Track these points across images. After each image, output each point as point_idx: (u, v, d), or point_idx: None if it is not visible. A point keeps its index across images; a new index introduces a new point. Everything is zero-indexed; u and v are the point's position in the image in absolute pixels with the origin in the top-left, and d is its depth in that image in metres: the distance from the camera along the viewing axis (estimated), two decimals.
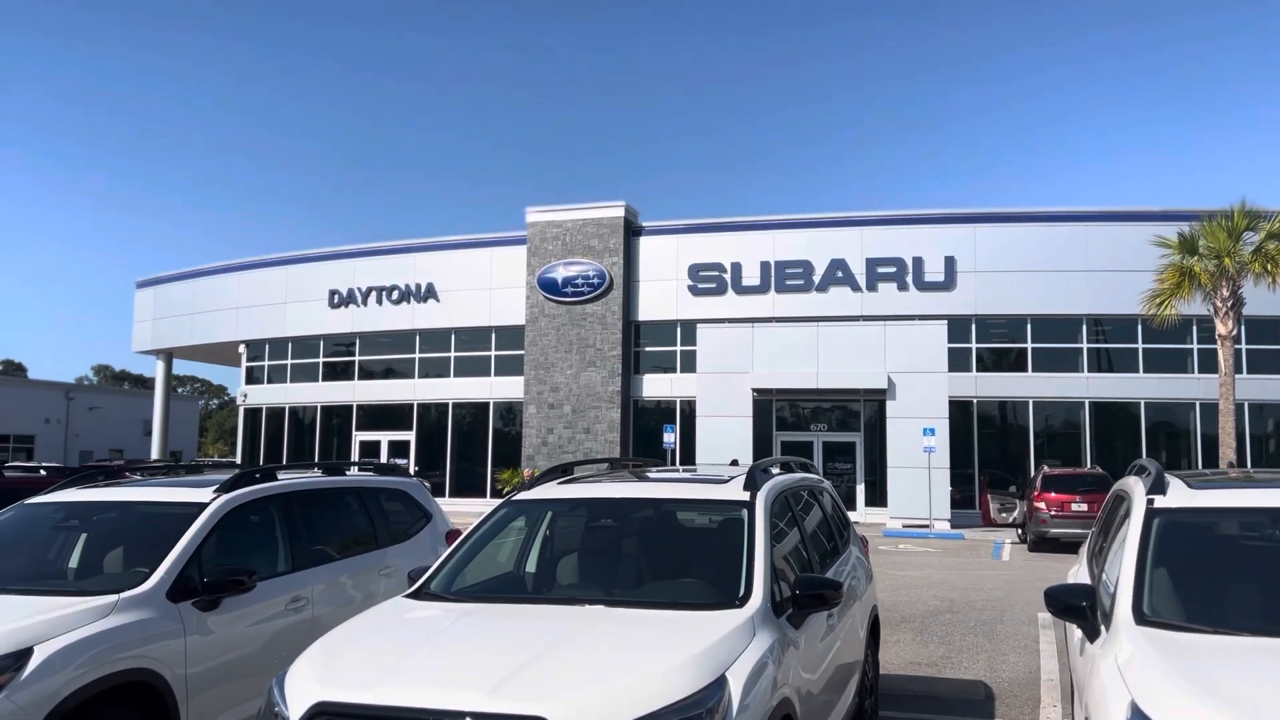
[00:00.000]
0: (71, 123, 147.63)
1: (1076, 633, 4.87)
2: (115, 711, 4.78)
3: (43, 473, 10.28)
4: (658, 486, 5.64)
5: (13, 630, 4.52)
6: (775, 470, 5.93)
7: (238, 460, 35.40)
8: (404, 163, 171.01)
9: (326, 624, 5.71)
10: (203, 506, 5.82)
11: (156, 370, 39.45)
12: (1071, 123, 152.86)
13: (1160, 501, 4.74)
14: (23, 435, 50.26)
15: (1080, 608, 4.40)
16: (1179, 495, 4.81)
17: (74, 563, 5.85)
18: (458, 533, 7.63)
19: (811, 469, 7.06)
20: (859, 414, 28.78)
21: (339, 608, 6.30)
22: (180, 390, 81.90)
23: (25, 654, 4.38)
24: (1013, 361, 28.97)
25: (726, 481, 5.41)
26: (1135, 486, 5.20)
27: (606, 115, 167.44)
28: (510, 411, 32.42)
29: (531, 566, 5.34)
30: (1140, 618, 4.05)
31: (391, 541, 7.29)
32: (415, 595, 4.83)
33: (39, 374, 40.18)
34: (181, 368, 38.71)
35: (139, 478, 7.27)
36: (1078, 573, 6.64)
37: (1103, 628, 4.26)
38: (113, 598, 4.98)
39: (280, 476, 6.67)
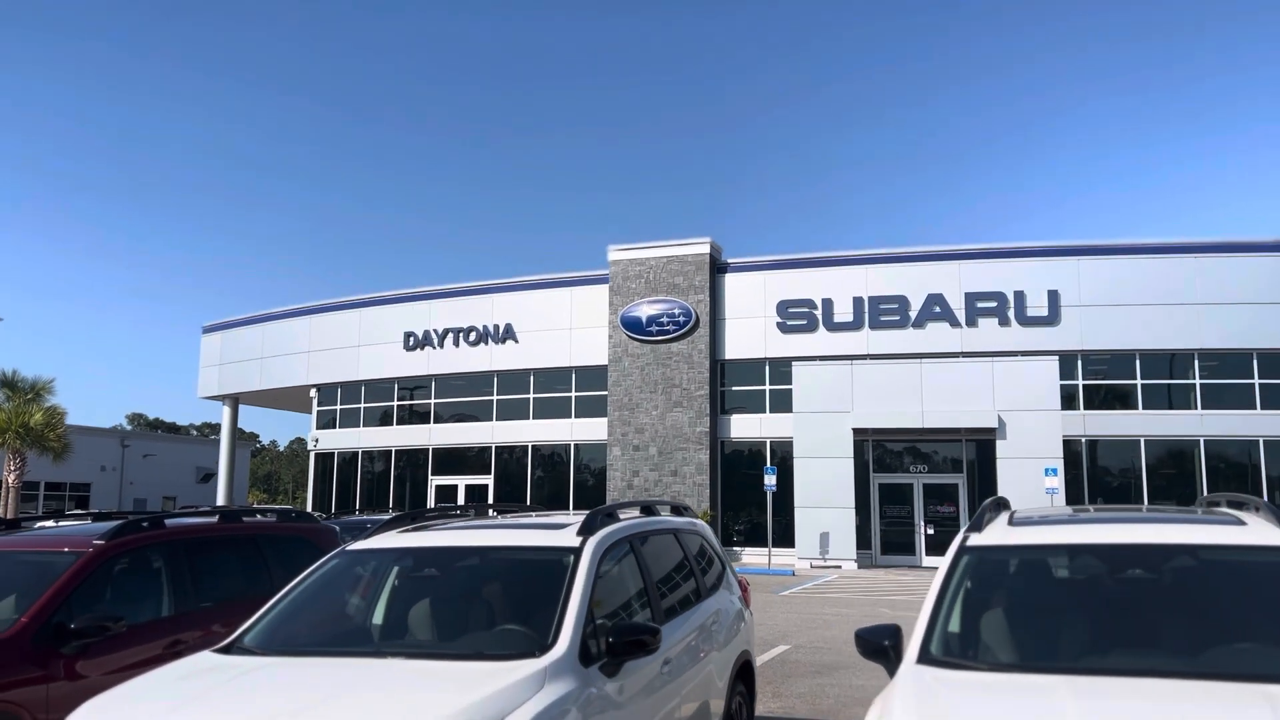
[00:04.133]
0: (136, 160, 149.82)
1: None
2: None
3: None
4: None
5: (470, 706, 3.70)
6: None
7: (309, 507, 34.62)
8: (482, 205, 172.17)
9: None
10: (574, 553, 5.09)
11: (223, 416, 38.94)
12: (1178, 152, 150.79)
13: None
14: (79, 483, 49.87)
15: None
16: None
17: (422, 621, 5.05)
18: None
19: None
20: (963, 455, 27.67)
21: None
22: (211, 436, 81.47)
23: None
24: (1121, 399, 27.83)
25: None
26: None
27: (690, 151, 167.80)
28: (593, 454, 31.53)
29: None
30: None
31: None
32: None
33: (79, 420, 40.09)
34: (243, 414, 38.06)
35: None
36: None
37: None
38: (536, 663, 4.14)
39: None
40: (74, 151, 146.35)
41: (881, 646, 4.27)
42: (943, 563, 4.59)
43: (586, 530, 5.12)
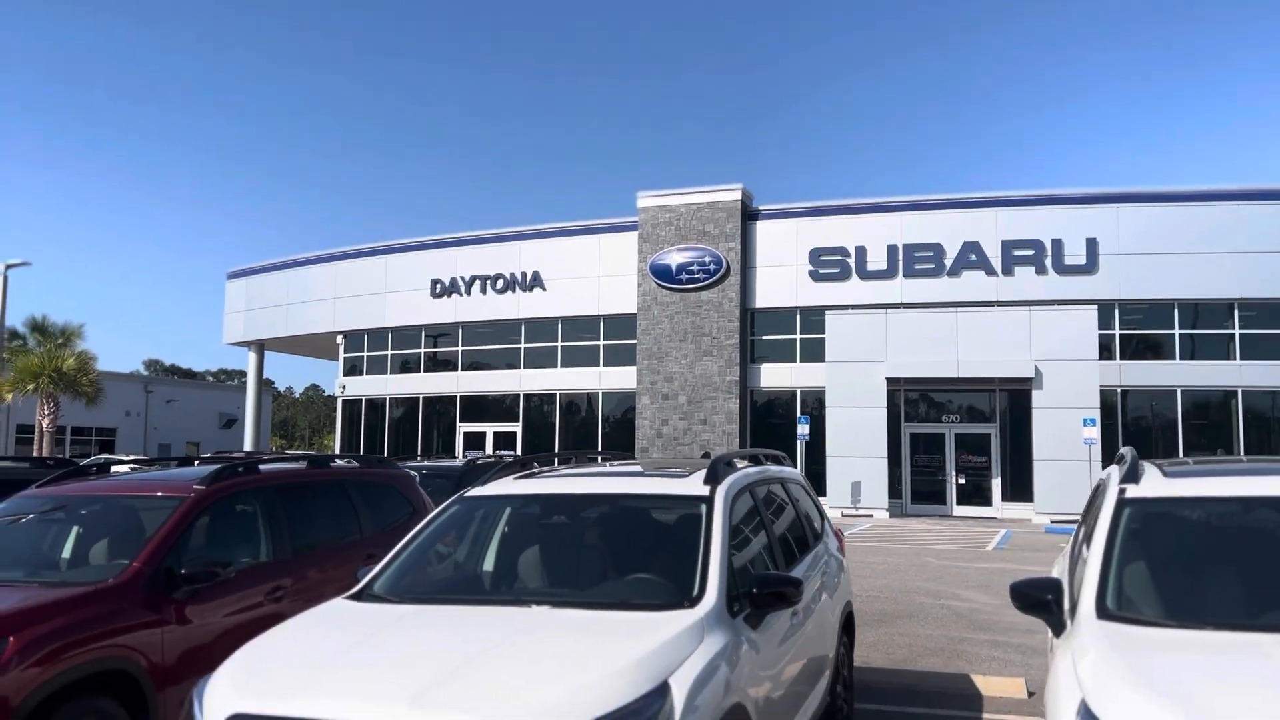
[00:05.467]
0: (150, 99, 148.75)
1: None
2: None
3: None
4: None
5: (644, 658, 3.58)
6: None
7: (336, 452, 34.76)
8: (510, 150, 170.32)
9: None
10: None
11: (249, 362, 38.98)
12: (1220, 97, 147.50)
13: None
14: (104, 428, 50.16)
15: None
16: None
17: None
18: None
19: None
20: (995, 405, 27.49)
21: None
22: (229, 382, 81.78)
23: (662, 691, 3.44)
24: (1157, 349, 27.54)
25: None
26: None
27: (722, 95, 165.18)
28: (621, 402, 31.47)
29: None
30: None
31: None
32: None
33: (100, 366, 39.59)
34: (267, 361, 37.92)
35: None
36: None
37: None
38: (690, 614, 4.04)
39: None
40: (100, 92, 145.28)
41: (1043, 601, 4.19)
42: (1102, 516, 4.47)
43: (713, 478, 4.99)
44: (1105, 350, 26.80)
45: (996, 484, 27.23)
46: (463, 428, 33.34)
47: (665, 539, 4.93)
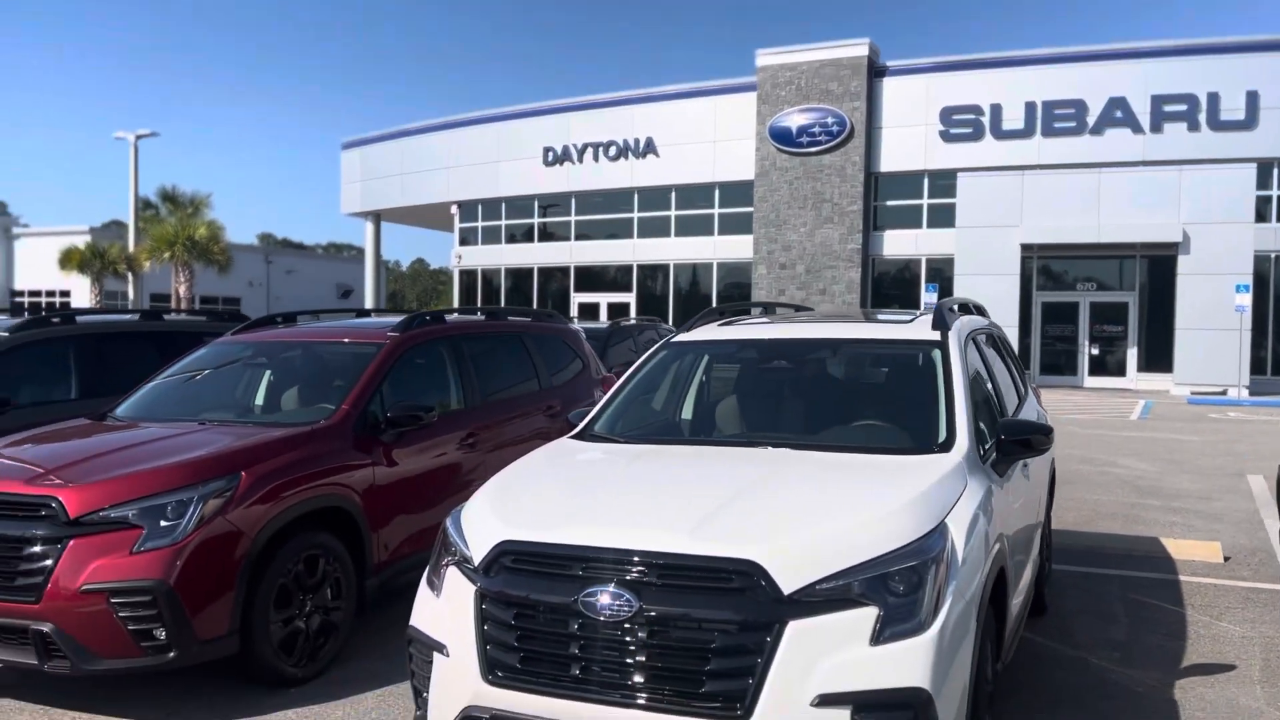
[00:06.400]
0: None
1: None
2: None
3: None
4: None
5: (919, 498, 3.41)
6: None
7: None
8: (624, 10, 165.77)
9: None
10: None
11: (366, 233, 39.56)
12: None
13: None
14: (230, 298, 52.01)
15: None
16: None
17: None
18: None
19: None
20: (1135, 271, 26.13)
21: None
22: (345, 254, 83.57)
23: (943, 532, 3.26)
24: None
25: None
26: None
27: None
28: (736, 272, 31.00)
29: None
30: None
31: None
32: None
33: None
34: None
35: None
36: None
37: None
38: (949, 458, 3.84)
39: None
40: None
41: None
42: None
43: (941, 323, 4.72)
44: (1259, 214, 25.01)
45: (1132, 354, 26.14)
46: (577, 298, 33.44)
47: (898, 384, 4.76)
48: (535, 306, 34.15)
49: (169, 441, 4.97)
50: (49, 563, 4.25)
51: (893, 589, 3.01)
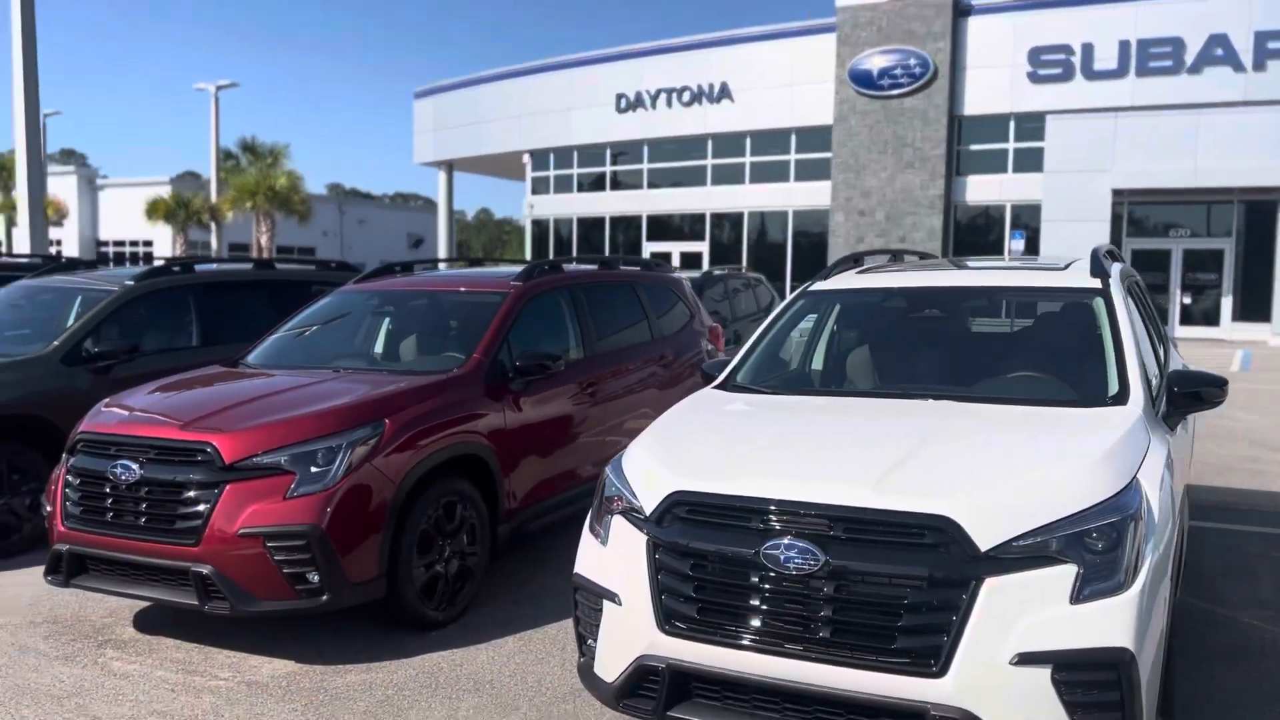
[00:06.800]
0: None
1: None
2: None
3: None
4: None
5: (1109, 453, 3.28)
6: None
7: None
8: None
9: None
10: None
11: (439, 182, 39.72)
12: None
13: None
14: (305, 247, 52.81)
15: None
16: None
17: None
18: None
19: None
20: (1232, 217, 25.10)
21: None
22: (412, 204, 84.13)
23: (1136, 488, 3.14)
24: None
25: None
26: None
27: None
28: (813, 220, 30.49)
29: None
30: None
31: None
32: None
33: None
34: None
35: None
36: None
37: None
38: (1128, 411, 3.69)
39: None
40: None
41: None
42: None
43: (1100, 270, 4.52)
44: None
45: (1227, 304, 25.22)
46: (649, 247, 33.22)
47: (1058, 334, 4.59)
48: (607, 255, 34.07)
49: (310, 389, 5.02)
50: (206, 506, 4.34)
51: (1090, 546, 2.89)
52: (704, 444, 3.72)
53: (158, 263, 8.03)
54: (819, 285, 5.09)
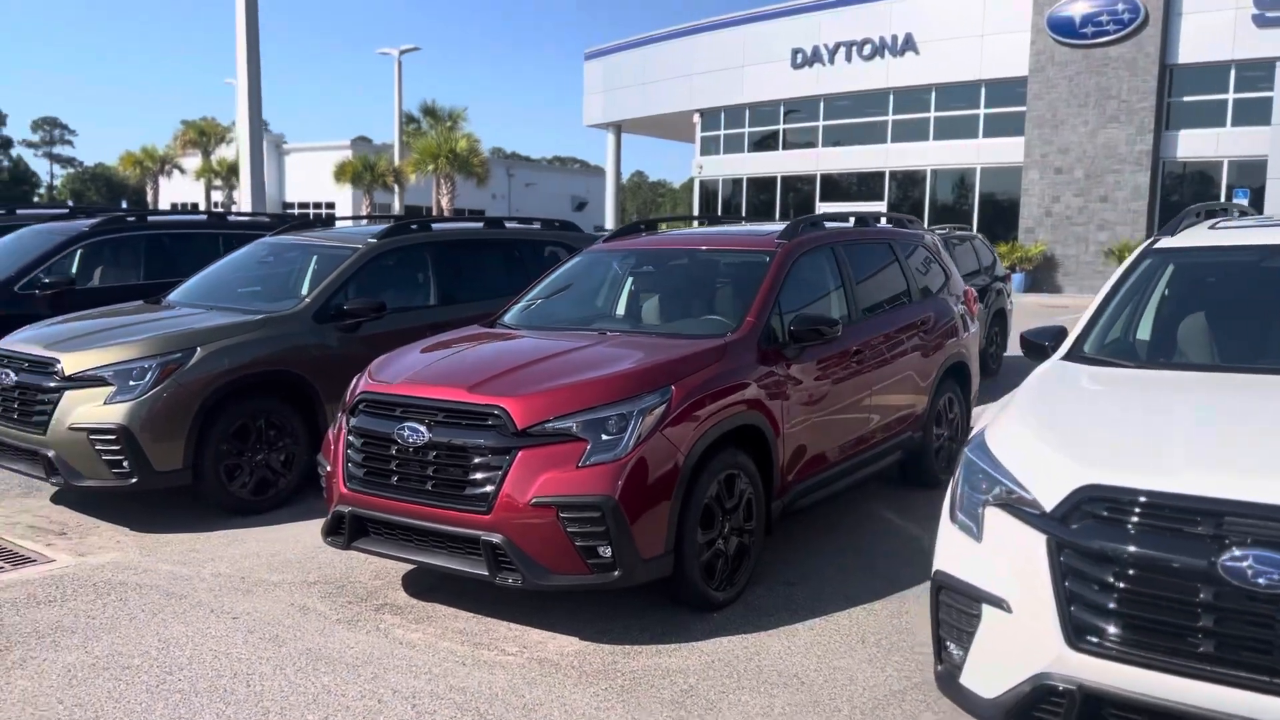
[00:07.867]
0: None
1: None
2: None
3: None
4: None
5: None
6: None
7: None
8: None
9: None
10: None
11: (607, 144, 39.74)
12: None
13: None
14: (475, 210, 54.09)
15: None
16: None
17: None
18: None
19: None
20: None
21: None
22: (572, 167, 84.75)
23: None
24: None
25: None
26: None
27: None
28: (1002, 178, 28.85)
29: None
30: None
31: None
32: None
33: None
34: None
35: None
36: None
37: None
38: None
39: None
40: None
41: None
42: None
43: None
44: None
45: None
46: (822, 207, 32.24)
47: None
48: (778, 218, 33.32)
49: (584, 353, 4.76)
50: (498, 473, 4.13)
51: None
52: (1108, 427, 3.21)
53: (394, 222, 8.00)
54: (1166, 242, 4.45)
